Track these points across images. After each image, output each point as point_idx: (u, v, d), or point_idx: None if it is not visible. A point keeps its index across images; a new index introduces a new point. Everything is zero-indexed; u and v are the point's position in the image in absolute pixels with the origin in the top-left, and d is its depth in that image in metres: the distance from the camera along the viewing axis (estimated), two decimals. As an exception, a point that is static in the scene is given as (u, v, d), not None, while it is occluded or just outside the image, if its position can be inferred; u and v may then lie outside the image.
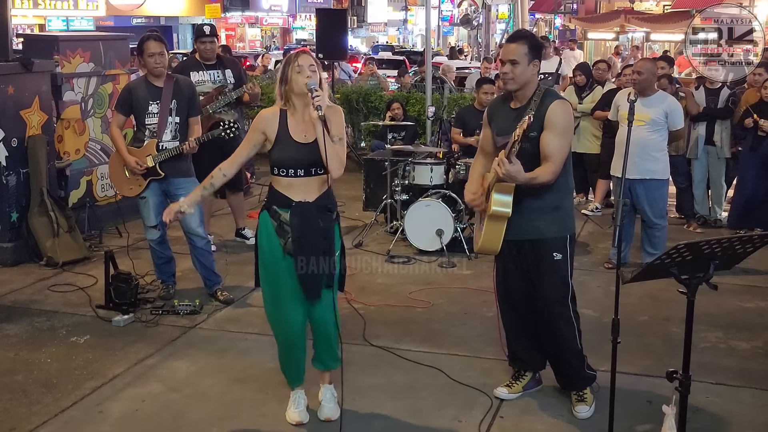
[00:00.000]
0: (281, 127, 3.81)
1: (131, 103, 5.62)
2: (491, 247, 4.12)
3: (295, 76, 3.75)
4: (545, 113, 3.92)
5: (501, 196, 3.95)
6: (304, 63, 3.75)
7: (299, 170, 3.77)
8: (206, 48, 7.05)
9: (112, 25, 28.57)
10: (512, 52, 3.98)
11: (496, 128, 4.15)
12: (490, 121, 4.25)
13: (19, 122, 6.75)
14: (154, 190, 5.63)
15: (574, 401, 4.23)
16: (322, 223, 3.80)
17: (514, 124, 3.93)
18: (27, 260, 6.73)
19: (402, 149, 7.89)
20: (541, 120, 3.91)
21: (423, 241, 7.11)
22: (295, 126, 3.80)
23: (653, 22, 23.81)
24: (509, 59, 3.98)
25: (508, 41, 4.16)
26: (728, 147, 8.07)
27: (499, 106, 4.26)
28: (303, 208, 3.77)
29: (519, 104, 4.07)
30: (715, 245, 2.91)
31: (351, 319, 5.51)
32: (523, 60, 3.96)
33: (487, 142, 4.30)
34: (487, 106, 4.40)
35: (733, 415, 4.19)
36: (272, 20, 43.36)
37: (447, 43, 43.01)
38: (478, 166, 4.35)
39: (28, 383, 4.52)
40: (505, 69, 3.98)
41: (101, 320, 5.46)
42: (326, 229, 3.82)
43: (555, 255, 4.06)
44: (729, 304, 5.79)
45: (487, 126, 4.29)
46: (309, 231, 3.77)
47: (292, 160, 3.77)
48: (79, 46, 7.62)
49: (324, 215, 3.83)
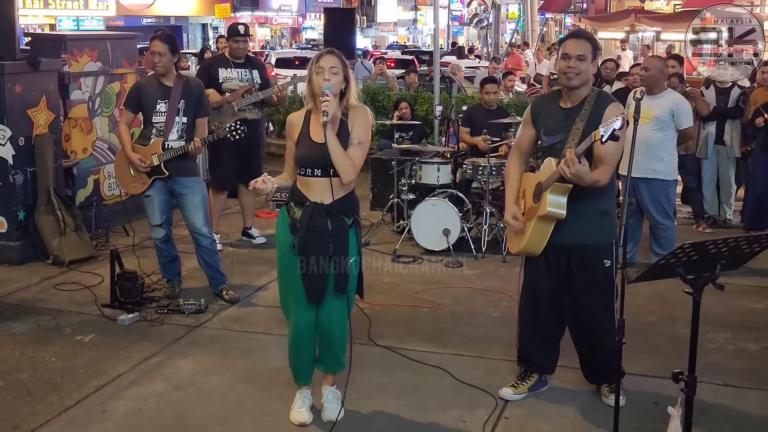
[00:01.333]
0: (304, 127, 3.85)
1: (140, 100, 5.63)
2: (535, 249, 4.04)
3: (314, 77, 3.77)
4: (602, 116, 3.83)
5: (556, 198, 3.85)
6: (325, 64, 3.74)
7: (316, 170, 3.78)
8: (239, 47, 7.08)
9: (122, 24, 28.66)
10: (580, 47, 3.90)
11: (543, 128, 4.06)
12: (534, 119, 4.13)
13: (26, 121, 6.76)
14: (159, 189, 5.63)
15: (605, 392, 4.21)
16: (331, 226, 3.78)
17: (564, 125, 3.91)
18: (33, 259, 6.75)
19: (409, 149, 7.87)
20: (597, 122, 3.79)
21: (429, 240, 7.08)
22: (316, 126, 3.79)
23: (664, 21, 23.66)
24: (577, 54, 3.89)
25: (572, 37, 4.03)
26: (738, 146, 8.01)
27: (545, 105, 4.16)
28: (315, 208, 3.78)
29: (570, 104, 3.98)
30: (722, 245, 2.88)
31: (356, 318, 5.47)
32: (588, 56, 3.90)
33: (526, 142, 4.21)
34: (531, 105, 4.28)
35: (741, 417, 4.15)
36: (282, 20, 43.41)
37: (455, 42, 42.93)
38: (515, 170, 4.22)
39: (32, 382, 4.52)
40: (572, 63, 3.87)
41: (106, 319, 5.45)
42: (337, 232, 3.79)
43: (605, 262, 3.98)
44: (738, 305, 5.75)
45: (529, 125, 4.17)
46: (315, 232, 3.75)
47: (309, 159, 3.79)
48: (86, 45, 7.64)
49: (336, 219, 3.80)
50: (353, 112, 3.82)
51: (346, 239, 3.82)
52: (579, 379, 4.42)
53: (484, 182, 7.27)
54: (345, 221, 3.84)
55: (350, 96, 3.84)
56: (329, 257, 3.78)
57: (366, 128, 3.85)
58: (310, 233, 3.76)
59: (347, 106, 3.84)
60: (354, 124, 3.80)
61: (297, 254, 3.80)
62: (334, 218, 3.80)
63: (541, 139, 4.09)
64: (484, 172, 7.20)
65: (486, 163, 7.17)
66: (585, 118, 3.90)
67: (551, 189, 3.87)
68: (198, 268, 5.98)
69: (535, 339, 4.31)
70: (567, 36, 4.16)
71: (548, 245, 4.01)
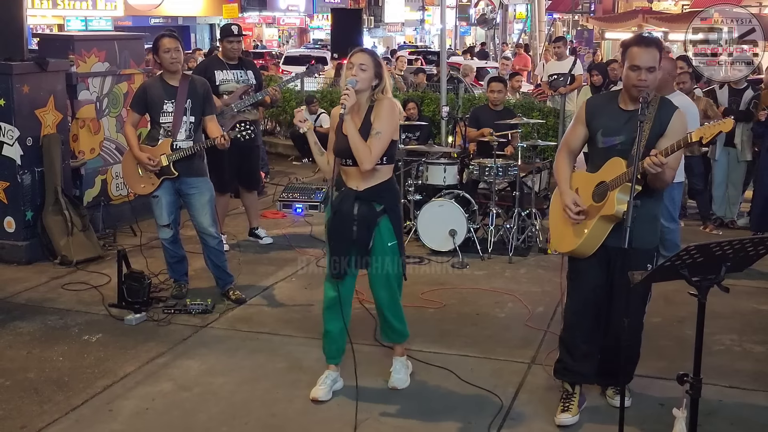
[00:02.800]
0: (339, 121, 4.08)
1: (146, 101, 5.64)
2: (589, 250, 3.94)
3: (344, 73, 4.09)
4: (668, 121, 3.82)
5: (625, 197, 3.71)
6: (355, 61, 4.02)
7: (348, 160, 4.08)
8: (233, 47, 7.08)
9: (130, 25, 28.72)
10: (651, 58, 3.78)
11: (602, 129, 3.97)
12: (590, 119, 4.04)
13: (34, 121, 6.79)
14: (167, 189, 5.64)
15: (611, 394, 4.22)
16: (357, 212, 4.09)
17: (625, 126, 3.85)
18: (41, 258, 6.77)
19: (416, 149, 7.87)
20: (662, 127, 3.79)
21: (436, 241, 7.08)
22: (349, 119, 4.05)
23: (671, 21, 23.60)
24: (648, 66, 3.78)
25: (642, 45, 3.84)
26: (749, 149, 7.97)
27: (604, 105, 4.06)
28: (346, 194, 4.12)
29: (633, 107, 3.87)
30: (727, 247, 2.87)
31: (362, 319, 5.50)
32: (658, 66, 3.81)
33: (577, 141, 4.12)
34: (586, 104, 4.14)
35: (747, 419, 4.14)
36: (289, 20, 43.43)
37: (463, 42, 42.89)
38: (566, 165, 4.13)
39: (40, 381, 4.54)
40: (643, 76, 3.77)
41: (114, 319, 5.47)
42: (364, 218, 4.10)
43: (648, 267, 3.84)
44: (744, 307, 5.73)
45: (583, 124, 4.07)
46: (340, 215, 4.10)
47: (341, 150, 4.09)
48: (94, 45, 7.66)
49: (364, 204, 4.11)
50: (377, 104, 4.07)
51: (371, 225, 4.12)
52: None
53: (491, 183, 7.27)
54: (374, 207, 4.12)
55: (384, 91, 4.09)
56: (353, 240, 4.11)
57: (387, 119, 4.05)
58: (336, 216, 4.12)
59: (374, 99, 4.09)
60: (375, 116, 4.05)
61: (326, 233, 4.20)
62: (363, 204, 4.11)
63: (596, 140, 4.00)
64: (491, 173, 7.20)
65: (492, 164, 7.16)
66: (650, 120, 3.83)
67: (621, 189, 3.78)
68: (205, 268, 6.00)
69: (582, 349, 4.13)
70: (635, 42, 3.91)
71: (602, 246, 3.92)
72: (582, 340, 4.12)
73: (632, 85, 3.83)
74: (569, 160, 4.16)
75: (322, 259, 6.89)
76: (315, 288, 4.42)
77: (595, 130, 4.01)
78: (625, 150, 3.85)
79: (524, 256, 7.08)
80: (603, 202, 3.86)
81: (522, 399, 4.35)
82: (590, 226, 3.91)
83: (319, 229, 7.84)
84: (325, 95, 12.40)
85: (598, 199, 3.90)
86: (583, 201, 3.98)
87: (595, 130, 4.01)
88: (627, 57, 3.86)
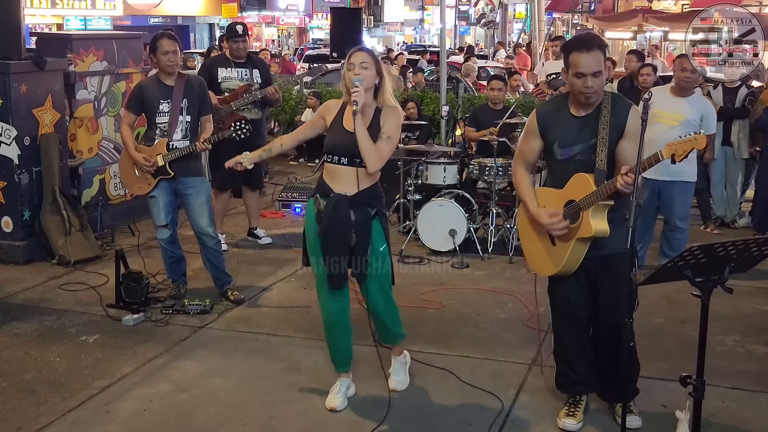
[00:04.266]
0: (338, 115, 4.06)
1: (142, 101, 5.60)
2: (571, 270, 3.85)
3: (346, 73, 3.99)
4: (625, 121, 3.69)
5: (599, 217, 3.66)
6: (355, 60, 3.96)
7: (343, 158, 3.97)
8: (238, 47, 7.06)
9: (129, 24, 28.69)
10: (597, 63, 3.64)
11: (557, 141, 3.82)
12: (543, 131, 3.88)
13: (32, 121, 6.75)
14: (164, 189, 5.61)
15: (619, 411, 3.87)
16: (354, 218, 3.98)
17: (581, 134, 3.73)
18: (39, 259, 6.73)
19: (415, 149, 7.84)
20: (619, 127, 3.67)
21: (436, 241, 7.05)
22: (350, 117, 3.96)
23: (671, 21, 23.58)
24: (593, 72, 3.63)
25: (583, 49, 3.68)
26: (746, 147, 7.96)
27: (553, 114, 3.88)
28: (338, 200, 3.97)
29: (584, 112, 3.77)
30: (730, 247, 2.84)
31: (362, 319, 5.43)
32: (603, 68, 3.66)
33: (532, 154, 3.98)
34: (537, 114, 3.97)
35: (750, 421, 4.11)
36: (289, 20, 43.40)
37: (464, 41, 42.87)
38: (527, 182, 4.02)
39: (36, 382, 4.50)
40: (589, 83, 3.63)
41: (111, 319, 5.44)
42: (360, 224, 4.00)
43: (634, 270, 3.80)
44: (747, 308, 5.70)
45: (536, 136, 3.92)
46: (337, 223, 3.97)
47: (338, 146, 3.98)
48: (92, 44, 7.62)
49: (360, 210, 4.00)
50: (387, 110, 4.03)
51: (368, 231, 4.02)
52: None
53: (491, 183, 7.24)
54: (368, 212, 4.03)
55: (385, 92, 4.04)
56: (351, 248, 4.01)
57: (396, 127, 4.05)
58: (333, 224, 3.97)
59: (382, 104, 4.05)
60: (386, 120, 4.00)
61: (321, 244, 4.03)
62: (358, 209, 4.00)
63: (554, 152, 3.86)
64: (491, 173, 7.17)
65: (492, 164, 7.13)
66: (606, 124, 3.69)
67: (594, 209, 3.66)
68: (203, 268, 5.96)
69: (581, 359, 4.06)
70: (574, 46, 3.76)
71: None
72: (575, 351, 4.06)
73: (579, 92, 3.71)
74: (529, 174, 4.04)
75: (321, 259, 6.86)
76: (314, 288, 4.38)
77: (550, 142, 3.87)
78: (584, 160, 3.73)
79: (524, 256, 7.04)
80: (578, 224, 3.73)
81: (522, 400, 4.32)
82: (568, 249, 3.79)
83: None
84: (324, 94, 12.35)
85: (572, 220, 3.76)
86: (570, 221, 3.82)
87: (550, 143, 3.87)
88: (570, 63, 3.70)
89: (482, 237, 7.20)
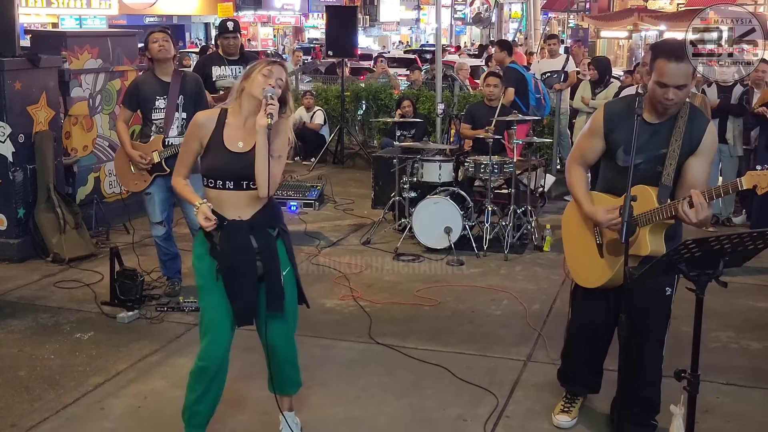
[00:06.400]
0: (216, 132, 3.48)
1: (138, 98, 5.60)
2: (615, 285, 3.60)
3: (259, 77, 3.44)
4: (701, 136, 3.45)
5: (657, 237, 3.44)
6: (275, 71, 3.46)
7: (228, 182, 3.43)
8: (230, 43, 7.04)
9: (124, 23, 28.67)
10: (685, 76, 3.37)
11: (624, 144, 3.54)
12: (608, 131, 3.62)
13: (26, 118, 6.73)
14: (160, 186, 5.60)
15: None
16: (256, 244, 3.47)
17: (649, 143, 3.47)
18: (33, 256, 6.72)
19: (411, 146, 7.85)
20: (693, 143, 3.45)
21: (431, 238, 7.05)
22: (232, 132, 3.47)
23: (667, 20, 23.64)
24: (679, 84, 3.36)
25: (673, 58, 3.37)
26: (741, 145, 7.98)
27: (624, 116, 3.57)
28: (234, 227, 3.44)
29: (658, 119, 3.51)
30: (725, 241, 2.84)
31: (357, 316, 5.47)
32: (690, 82, 3.40)
33: (593, 154, 3.72)
34: (605, 113, 3.68)
35: (744, 416, 4.12)
36: (284, 19, 43.40)
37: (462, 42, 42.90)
38: (582, 180, 3.73)
39: (30, 379, 4.49)
40: (671, 95, 3.37)
41: (106, 317, 5.43)
42: (263, 249, 3.49)
43: (666, 290, 3.65)
44: (741, 304, 5.71)
45: (600, 137, 3.64)
46: (239, 253, 3.46)
47: (221, 170, 3.43)
48: (87, 42, 7.61)
49: (260, 234, 3.49)
50: (275, 125, 3.40)
51: (275, 255, 3.52)
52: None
53: (486, 180, 7.24)
54: (270, 234, 3.54)
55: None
56: (259, 277, 3.50)
57: (286, 142, 3.52)
58: (235, 255, 3.45)
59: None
60: (275, 137, 3.42)
61: (224, 280, 3.47)
62: (259, 233, 3.49)
63: (616, 157, 3.61)
64: (486, 170, 7.17)
65: (488, 161, 7.13)
66: (680, 137, 3.45)
67: (652, 228, 3.44)
68: (198, 265, 5.94)
69: (591, 366, 4.02)
70: (663, 52, 3.44)
71: None
72: (583, 357, 4.02)
73: (658, 101, 3.46)
74: (585, 173, 3.78)
75: (316, 256, 6.87)
76: (308, 285, 4.38)
77: (615, 145, 3.61)
78: (647, 170, 3.49)
79: (520, 253, 7.05)
80: (633, 238, 3.46)
81: (518, 396, 4.32)
82: (617, 265, 3.54)
83: (313, 227, 7.82)
84: (320, 93, 12.36)
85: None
86: (609, 234, 3.60)
87: (615, 146, 3.61)
88: (655, 69, 3.42)
89: (478, 235, 7.20)
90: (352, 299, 5.80)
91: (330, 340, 5.07)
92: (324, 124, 11.73)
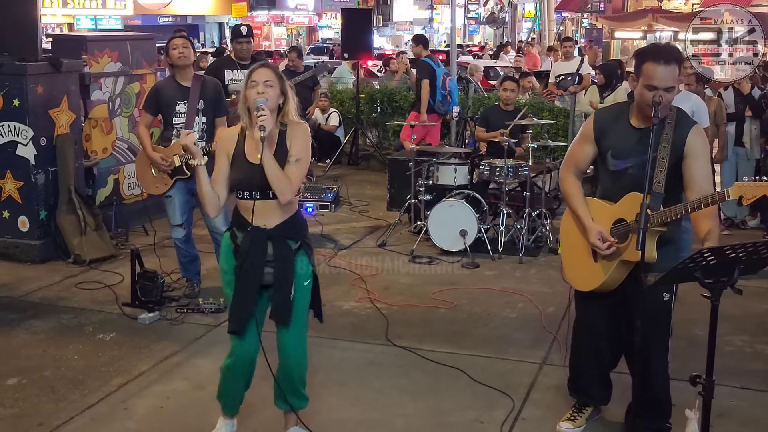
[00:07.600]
0: (238, 146, 3.59)
1: (159, 102, 5.69)
2: (609, 289, 3.69)
3: (248, 91, 3.50)
4: (683, 144, 3.49)
5: (649, 242, 3.43)
6: (258, 78, 3.49)
7: (254, 192, 3.52)
8: (242, 48, 7.12)
9: (139, 24, 28.84)
10: (672, 78, 3.44)
11: (611, 150, 3.63)
12: (598, 137, 3.68)
13: (48, 121, 6.83)
14: (180, 189, 5.69)
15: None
16: (274, 253, 3.55)
17: (638, 148, 3.51)
18: (55, 258, 6.81)
19: (426, 149, 7.89)
20: (678, 149, 3.49)
21: (446, 241, 7.10)
22: (251, 145, 3.54)
23: (681, 21, 23.53)
24: (667, 86, 3.42)
25: (660, 61, 3.44)
26: (758, 148, 7.98)
27: (611, 122, 3.67)
28: (255, 234, 3.53)
29: (645, 125, 3.53)
30: (740, 249, 2.88)
31: (374, 319, 5.53)
32: (676, 83, 3.46)
33: (585, 160, 3.80)
34: (595, 119, 3.77)
35: (759, 420, 4.16)
36: (298, 19, 43.50)
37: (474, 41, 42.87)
38: (576, 188, 3.80)
39: (55, 379, 4.59)
40: (658, 99, 3.40)
41: (127, 318, 5.51)
42: (280, 259, 3.56)
43: (664, 295, 3.65)
44: (756, 308, 5.73)
45: (591, 142, 3.72)
46: (252, 259, 3.54)
47: (246, 182, 3.53)
48: (106, 46, 7.71)
49: (279, 244, 3.56)
50: (292, 128, 3.57)
51: (290, 266, 3.58)
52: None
53: (501, 183, 7.28)
54: (290, 246, 3.60)
55: (289, 111, 3.58)
56: (264, 286, 3.59)
57: (305, 145, 3.60)
58: (248, 260, 3.54)
59: (286, 123, 3.59)
60: (293, 141, 3.55)
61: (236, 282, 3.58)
62: (277, 242, 3.56)
63: (607, 162, 3.67)
64: (501, 173, 7.22)
65: (503, 164, 7.18)
66: (668, 142, 3.50)
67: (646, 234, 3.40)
68: (217, 267, 5.89)
69: (596, 375, 4.03)
70: (650, 55, 3.50)
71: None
72: (587, 364, 4.05)
73: (646, 105, 3.48)
74: (579, 183, 3.84)
75: (333, 258, 6.93)
76: (325, 288, 4.43)
77: (605, 150, 3.68)
78: (636, 175, 3.52)
79: (534, 256, 7.10)
80: (625, 245, 3.55)
81: (533, 399, 4.37)
82: (610, 269, 3.63)
83: (329, 229, 7.88)
84: (335, 94, 12.42)
85: (620, 240, 3.58)
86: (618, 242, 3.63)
87: (605, 151, 3.68)
88: (642, 73, 3.48)
89: (492, 237, 7.25)
90: (368, 301, 5.86)
91: (348, 342, 5.14)
92: (339, 125, 11.80)
